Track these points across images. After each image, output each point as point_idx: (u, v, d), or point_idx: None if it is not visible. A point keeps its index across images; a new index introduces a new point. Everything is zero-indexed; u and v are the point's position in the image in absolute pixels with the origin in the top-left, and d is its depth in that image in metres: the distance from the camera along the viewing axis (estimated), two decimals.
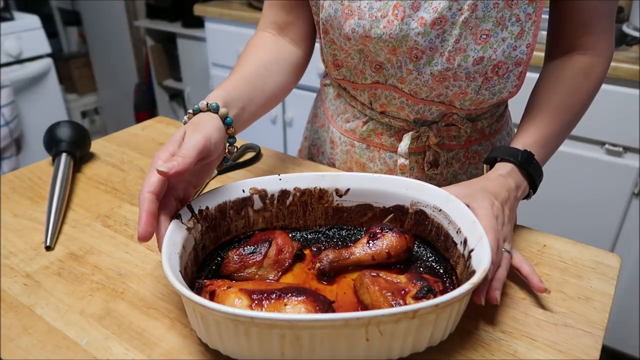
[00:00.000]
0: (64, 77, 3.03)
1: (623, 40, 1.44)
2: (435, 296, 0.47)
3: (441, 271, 0.56)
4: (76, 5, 3.04)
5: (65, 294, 0.55)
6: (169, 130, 0.97)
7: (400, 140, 0.73)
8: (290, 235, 0.60)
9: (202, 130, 0.53)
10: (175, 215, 0.51)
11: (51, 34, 2.85)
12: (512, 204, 0.59)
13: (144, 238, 0.47)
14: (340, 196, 0.61)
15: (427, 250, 0.59)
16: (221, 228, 0.58)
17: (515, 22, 0.60)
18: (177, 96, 2.96)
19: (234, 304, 0.45)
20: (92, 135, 0.86)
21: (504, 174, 0.60)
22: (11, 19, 2.21)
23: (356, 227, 0.62)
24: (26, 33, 2.22)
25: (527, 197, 0.63)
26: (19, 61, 2.21)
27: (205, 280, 0.49)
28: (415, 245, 0.59)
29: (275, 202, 0.60)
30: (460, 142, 0.74)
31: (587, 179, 1.49)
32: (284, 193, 0.60)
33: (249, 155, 0.86)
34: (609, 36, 0.68)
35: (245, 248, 0.55)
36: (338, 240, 0.61)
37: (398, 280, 0.50)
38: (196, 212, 0.54)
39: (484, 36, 0.60)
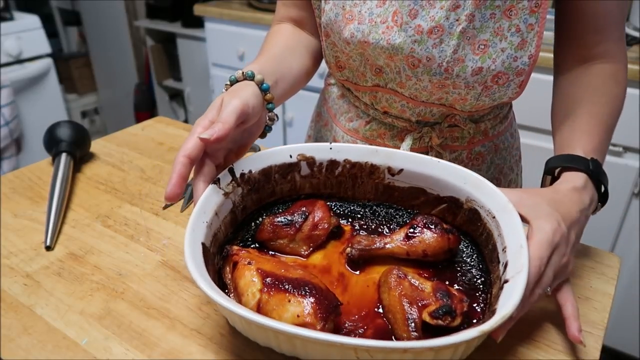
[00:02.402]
0: (64, 77, 3.03)
1: None
2: (453, 319, 0.43)
3: (479, 283, 0.51)
4: (76, 5, 3.04)
5: (65, 294, 0.55)
6: (169, 130, 0.97)
7: (402, 140, 0.73)
8: (337, 204, 0.59)
9: (240, 95, 0.54)
10: (214, 180, 0.51)
11: (51, 34, 2.85)
12: (581, 227, 0.52)
13: (170, 198, 0.48)
14: (393, 175, 0.58)
15: (474, 253, 0.54)
16: (265, 190, 0.57)
17: (515, 32, 0.59)
18: (177, 96, 2.96)
19: (249, 282, 0.45)
20: (92, 135, 0.86)
21: (578, 187, 0.53)
22: (11, 19, 2.21)
23: (407, 208, 0.59)
24: (26, 33, 2.22)
25: (594, 211, 0.56)
26: (19, 61, 2.21)
27: (233, 248, 0.50)
28: (465, 244, 0.55)
29: (324, 170, 0.59)
30: (463, 143, 0.74)
31: None
32: (333, 163, 0.58)
33: (249, 155, 0.86)
34: (622, 42, 0.66)
35: (280, 219, 0.54)
36: (384, 218, 0.59)
37: (423, 287, 0.46)
38: (237, 175, 0.54)
39: (482, 46, 0.60)
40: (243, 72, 0.59)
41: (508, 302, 0.41)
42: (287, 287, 0.45)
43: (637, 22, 1.45)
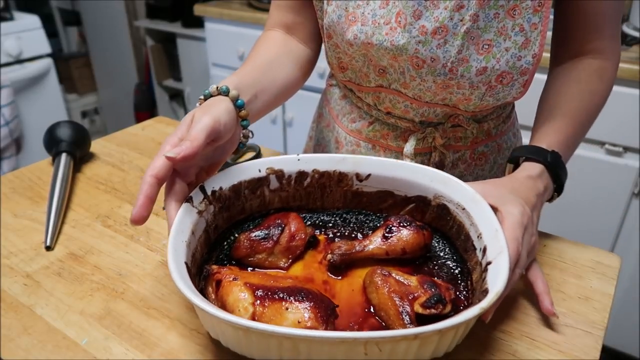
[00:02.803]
0: (64, 77, 3.03)
1: (623, 40, 1.44)
2: (444, 307, 0.45)
3: (457, 272, 0.53)
4: (76, 5, 3.04)
5: (65, 294, 0.55)
6: (169, 130, 0.97)
7: (406, 141, 0.73)
8: (307, 216, 0.59)
9: (211, 112, 0.52)
10: (187, 199, 0.50)
11: (51, 34, 2.85)
12: (539, 210, 0.56)
13: (135, 221, 0.46)
14: (361, 181, 0.59)
15: (446, 247, 0.56)
16: (235, 207, 0.56)
17: (519, 31, 0.59)
18: (177, 96, 2.96)
19: (238, 297, 0.44)
20: (92, 135, 0.86)
21: (533, 175, 0.57)
22: (11, 19, 2.21)
23: (375, 212, 0.60)
24: (26, 33, 2.22)
25: (550, 200, 0.61)
26: (19, 61, 2.22)
27: (213, 267, 0.49)
28: (436, 239, 0.57)
29: (293, 182, 0.58)
30: (466, 143, 0.74)
31: (587, 179, 1.49)
32: (302, 174, 0.58)
33: (249, 155, 0.86)
34: (616, 40, 0.68)
35: (257, 233, 0.54)
36: (355, 224, 0.59)
37: (409, 282, 0.48)
38: (209, 193, 0.53)
39: (486, 46, 0.60)
40: (217, 87, 0.57)
41: (497, 280, 0.43)
42: (281, 295, 0.44)
43: (637, 22, 1.45)
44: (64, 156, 0.77)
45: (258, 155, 0.86)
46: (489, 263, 0.46)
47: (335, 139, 0.83)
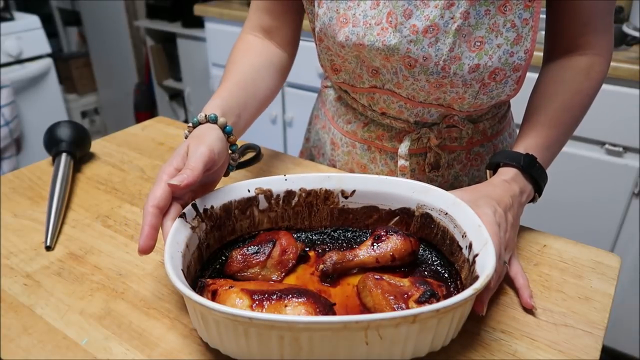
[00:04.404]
0: (64, 77, 3.03)
1: (623, 40, 1.44)
2: (438, 301, 0.46)
3: (446, 275, 0.55)
4: (76, 5, 3.04)
5: (65, 294, 0.55)
6: (169, 130, 0.97)
7: (401, 142, 0.73)
8: (295, 236, 0.60)
9: (205, 142, 0.54)
10: (180, 215, 0.51)
11: (51, 34, 2.85)
12: (515, 211, 0.58)
13: (144, 251, 0.48)
14: (346, 197, 0.60)
15: (432, 254, 0.58)
16: (226, 227, 0.58)
17: (511, 28, 0.59)
18: (177, 96, 2.96)
19: (235, 303, 0.44)
20: (92, 135, 0.86)
21: (507, 179, 0.59)
22: (11, 19, 2.21)
23: (362, 228, 0.62)
24: (26, 33, 2.22)
25: (533, 200, 0.63)
26: (19, 61, 2.22)
27: (207, 280, 0.49)
28: (421, 248, 0.58)
29: (281, 202, 0.60)
30: (461, 144, 0.74)
31: (587, 179, 1.49)
32: (290, 193, 0.60)
33: (249, 155, 0.86)
34: (608, 35, 0.67)
35: (249, 248, 0.55)
36: (343, 241, 0.61)
37: (401, 284, 0.49)
38: (201, 211, 0.54)
39: (478, 43, 0.60)
40: (206, 115, 0.59)
41: (487, 266, 0.45)
42: (279, 295, 0.44)
43: (637, 22, 1.45)
44: (64, 156, 0.77)
45: (258, 155, 0.86)
46: (476, 255, 0.48)
47: (331, 140, 0.83)
